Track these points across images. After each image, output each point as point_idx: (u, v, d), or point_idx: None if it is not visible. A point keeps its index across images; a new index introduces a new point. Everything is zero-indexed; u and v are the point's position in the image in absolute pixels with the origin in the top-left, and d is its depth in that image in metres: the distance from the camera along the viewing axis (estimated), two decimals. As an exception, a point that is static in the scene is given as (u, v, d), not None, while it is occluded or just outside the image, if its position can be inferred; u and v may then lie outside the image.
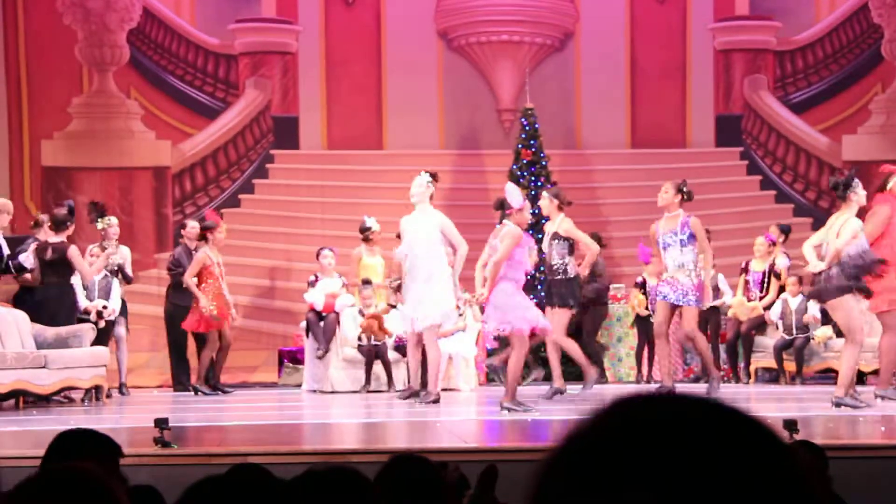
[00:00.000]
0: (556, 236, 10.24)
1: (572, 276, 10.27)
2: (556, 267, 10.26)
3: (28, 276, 10.61)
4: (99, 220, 11.87)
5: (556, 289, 10.27)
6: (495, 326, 8.83)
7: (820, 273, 8.77)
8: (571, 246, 10.29)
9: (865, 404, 8.61)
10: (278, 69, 14.81)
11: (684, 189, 9.81)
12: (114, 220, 12.03)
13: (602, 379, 12.13)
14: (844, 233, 8.73)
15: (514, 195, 9.00)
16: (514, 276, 8.75)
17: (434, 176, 10.10)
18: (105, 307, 11.27)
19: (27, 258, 10.49)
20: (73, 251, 10.69)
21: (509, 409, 8.62)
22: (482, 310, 9.79)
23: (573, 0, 15.01)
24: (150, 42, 14.70)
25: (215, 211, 13.40)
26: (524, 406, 8.70)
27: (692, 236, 9.68)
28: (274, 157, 14.78)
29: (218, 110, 14.76)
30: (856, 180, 8.90)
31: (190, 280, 11.69)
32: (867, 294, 8.71)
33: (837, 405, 8.58)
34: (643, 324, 12.73)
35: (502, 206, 9.05)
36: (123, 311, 11.97)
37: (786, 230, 12.90)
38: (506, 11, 14.91)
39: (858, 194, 8.86)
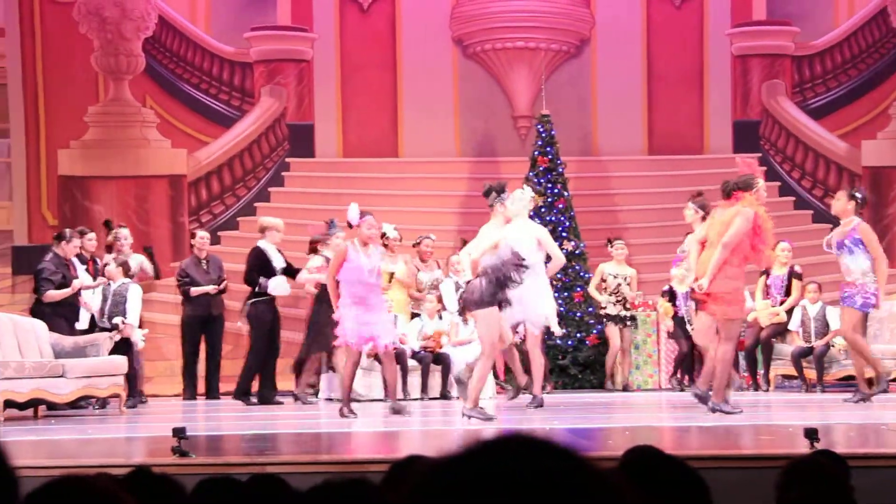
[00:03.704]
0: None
1: None
2: None
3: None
4: (110, 232, 12.12)
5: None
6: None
7: (468, 282, 8.82)
8: None
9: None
10: (293, 77, 14.81)
11: (857, 195, 9.69)
12: (123, 231, 12.18)
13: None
14: (483, 243, 8.77)
15: (352, 212, 9.41)
16: (346, 292, 9.31)
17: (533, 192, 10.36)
18: (124, 322, 11.24)
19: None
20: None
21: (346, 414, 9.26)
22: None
23: (589, 6, 14.97)
24: (165, 51, 14.71)
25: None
26: (351, 412, 9.32)
27: (860, 241, 9.67)
28: (289, 164, 14.77)
29: (233, 118, 14.76)
30: (507, 191, 8.90)
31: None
32: (507, 304, 8.72)
33: (468, 417, 8.53)
34: (680, 331, 12.65)
35: (349, 224, 9.52)
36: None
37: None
38: (521, 18, 14.87)
39: (507, 206, 8.88)
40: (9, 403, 9.48)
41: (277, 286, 11.70)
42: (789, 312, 12.56)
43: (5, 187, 14.36)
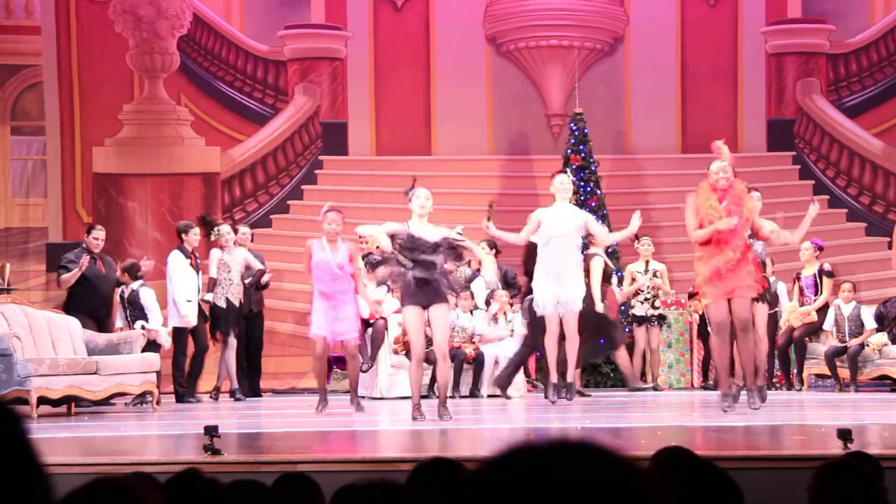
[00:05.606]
0: None
1: None
2: None
3: None
4: (211, 231, 12.08)
5: None
6: None
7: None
8: None
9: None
10: (327, 75, 14.84)
11: None
12: (224, 227, 12.26)
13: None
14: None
15: (323, 209, 9.78)
16: (315, 286, 9.59)
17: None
18: (147, 329, 11.22)
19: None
20: None
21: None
22: None
23: (623, 4, 14.93)
24: (200, 49, 14.78)
25: None
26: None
27: None
28: (323, 162, 14.80)
29: (267, 116, 14.81)
30: None
31: None
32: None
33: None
34: (705, 331, 12.59)
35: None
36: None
37: None
38: (555, 16, 14.84)
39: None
40: (42, 400, 9.55)
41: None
42: (820, 311, 12.49)
43: (40, 185, 14.47)
